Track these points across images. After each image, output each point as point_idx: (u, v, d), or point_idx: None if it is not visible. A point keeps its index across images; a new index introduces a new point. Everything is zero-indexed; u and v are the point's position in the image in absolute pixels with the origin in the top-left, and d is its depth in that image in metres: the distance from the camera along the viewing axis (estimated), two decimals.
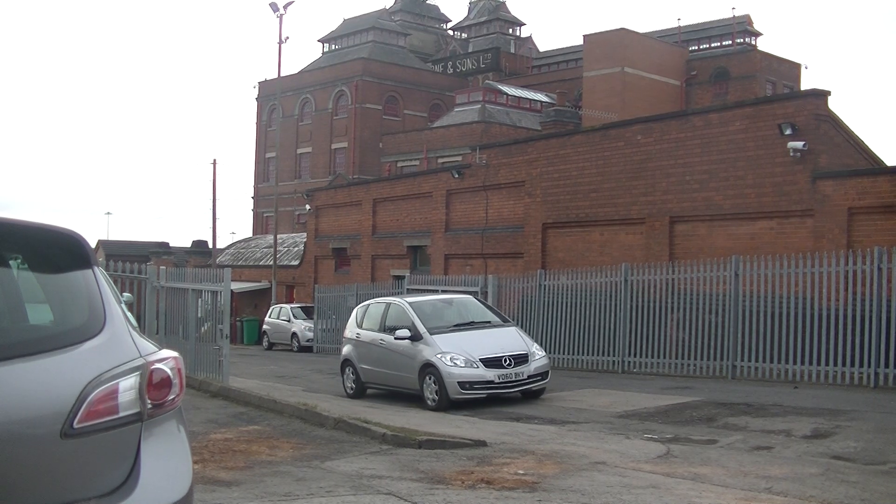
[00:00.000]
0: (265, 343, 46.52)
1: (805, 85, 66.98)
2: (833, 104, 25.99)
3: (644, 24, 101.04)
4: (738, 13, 76.05)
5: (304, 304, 46.32)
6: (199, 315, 21.08)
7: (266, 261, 57.01)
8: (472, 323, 20.61)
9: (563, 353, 26.89)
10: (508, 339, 19.76)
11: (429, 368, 19.07)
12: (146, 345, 5.39)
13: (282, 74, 61.22)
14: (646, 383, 21.99)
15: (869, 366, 20.16)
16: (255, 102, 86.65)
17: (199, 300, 20.87)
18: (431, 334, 19.56)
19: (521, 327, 28.43)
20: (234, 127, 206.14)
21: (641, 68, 63.15)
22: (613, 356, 25.57)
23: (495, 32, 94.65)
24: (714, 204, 27.57)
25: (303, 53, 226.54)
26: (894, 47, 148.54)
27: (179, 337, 21.02)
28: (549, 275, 28.42)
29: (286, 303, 49.31)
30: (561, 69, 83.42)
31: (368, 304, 22.97)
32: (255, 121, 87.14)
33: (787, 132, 25.35)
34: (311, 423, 15.32)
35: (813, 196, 24.97)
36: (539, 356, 19.57)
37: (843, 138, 26.64)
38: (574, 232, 32.53)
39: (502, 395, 19.04)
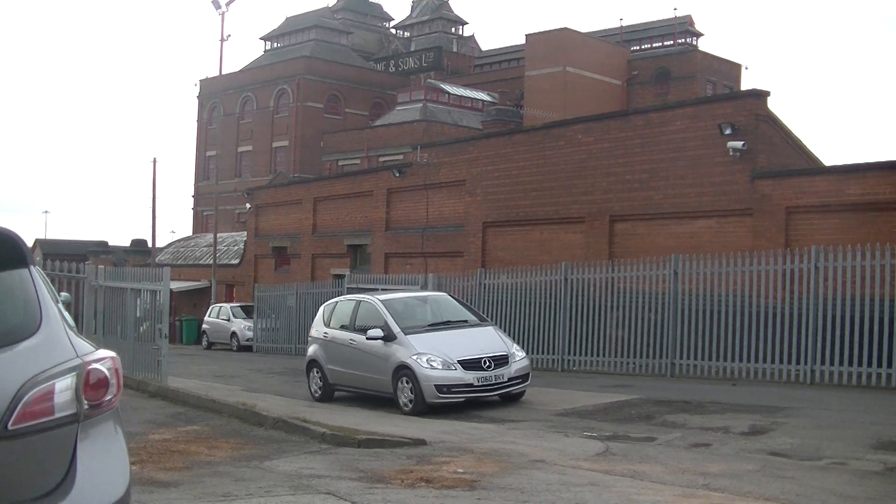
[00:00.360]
0: (205, 342, 46.16)
1: (745, 85, 67.51)
2: (772, 104, 26.26)
3: (586, 23, 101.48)
4: (679, 14, 76.61)
5: (243, 304, 46.01)
6: (138, 314, 20.82)
7: (206, 260, 56.68)
8: (448, 322, 19.47)
9: None
10: (487, 340, 18.71)
11: (403, 370, 17.93)
12: (83, 345, 5.32)
13: (223, 72, 60.92)
14: (585, 381, 22.07)
15: (806, 363, 20.37)
16: (196, 100, 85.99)
17: (138, 299, 20.64)
18: (406, 334, 18.42)
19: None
20: (175, 125, 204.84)
21: (583, 68, 63.34)
22: (554, 354, 25.63)
23: (438, 31, 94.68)
24: (654, 203, 27.71)
25: (245, 51, 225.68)
26: (832, 48, 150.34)
27: (118, 337, 20.81)
28: (489, 273, 28.45)
29: (226, 302, 48.95)
30: (503, 68, 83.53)
31: (336, 302, 21.73)
32: (196, 119, 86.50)
33: (727, 132, 25.53)
34: (251, 422, 15.24)
35: (752, 195, 25.16)
36: (519, 357, 18.56)
37: (782, 138, 26.88)
38: (515, 231, 32.59)
39: (482, 398, 17.95)
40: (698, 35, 78.17)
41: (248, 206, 51.72)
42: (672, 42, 75.64)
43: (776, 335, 20.98)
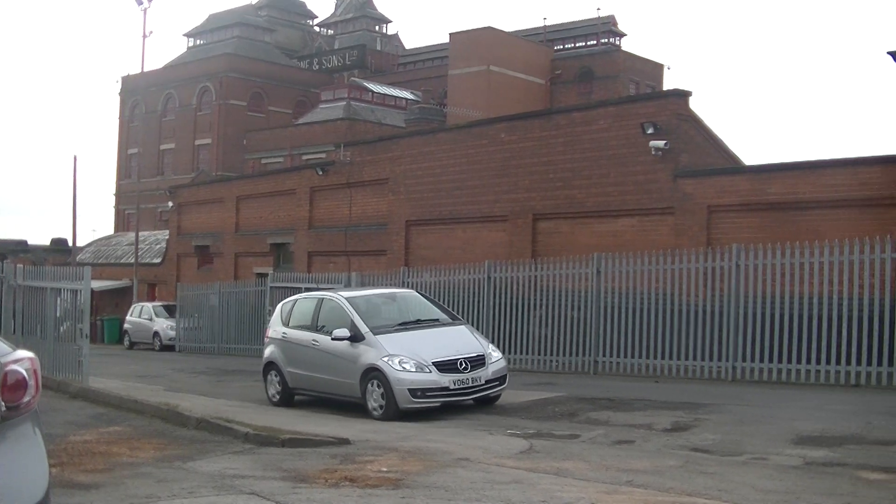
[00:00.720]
0: (126, 342, 45.65)
1: (667, 85, 68.07)
2: (694, 104, 26.52)
3: (510, 23, 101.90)
4: (602, 14, 76.99)
5: (166, 303, 45.56)
6: (58, 314, 20.48)
7: (128, 259, 56.04)
8: (419, 321, 18.24)
9: None
10: (462, 340, 17.57)
11: (373, 373, 16.76)
12: (0, 346, 5.24)
13: (146, 69, 60.38)
14: (510, 379, 22.06)
15: (728, 360, 20.60)
16: (118, 97, 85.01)
17: (59, 299, 20.31)
18: (375, 334, 17.21)
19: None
20: (96, 122, 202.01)
21: (507, 67, 63.54)
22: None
23: (362, 29, 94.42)
24: (577, 202, 27.85)
25: (168, 48, 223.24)
26: (752, 49, 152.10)
27: (37, 337, 20.46)
28: (412, 272, 28.40)
29: (148, 301, 48.46)
30: (427, 67, 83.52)
31: (296, 300, 20.49)
32: (118, 116, 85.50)
33: (650, 131, 25.73)
34: (174, 423, 15.08)
35: (674, 194, 25.39)
36: (496, 358, 17.45)
37: (704, 138, 27.13)
38: (438, 229, 32.61)
39: (458, 402, 16.90)
40: (621, 35, 78.65)
41: (170, 204, 51.22)
42: (595, 42, 76.01)
43: (698, 332, 21.19)
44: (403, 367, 16.53)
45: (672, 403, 16.57)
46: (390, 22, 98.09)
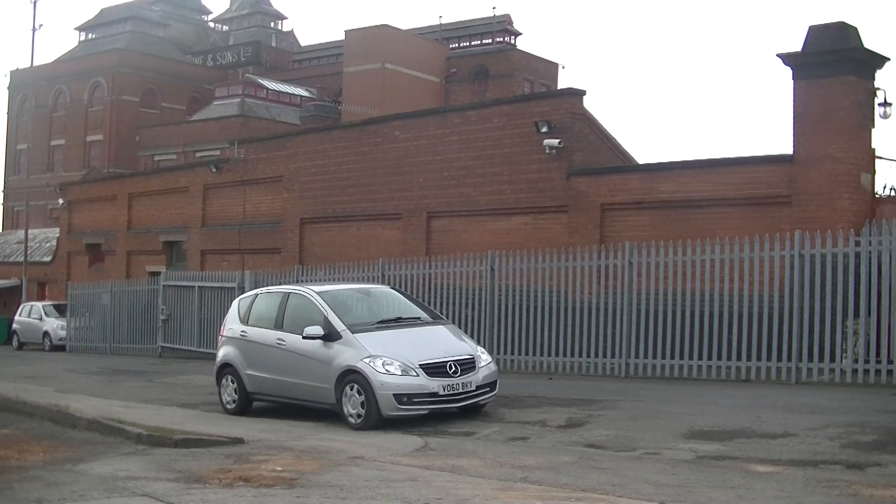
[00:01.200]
0: (15, 343, 44.69)
1: (562, 84, 68.53)
2: (588, 103, 26.73)
3: (406, 20, 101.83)
4: (498, 13, 77.22)
5: (56, 302, 44.68)
6: None
7: (16, 257, 55.00)
8: (399, 319, 16.62)
9: None
10: (448, 340, 16.14)
11: (351, 376, 15.06)
12: None
13: (35, 63, 59.25)
14: None
15: (621, 356, 20.81)
16: (6, 91, 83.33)
17: None
18: (354, 332, 15.50)
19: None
20: None
21: (402, 65, 63.53)
22: None
23: (257, 26, 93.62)
24: (471, 200, 27.93)
25: (59, 42, 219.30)
26: (647, 49, 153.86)
27: None
28: (306, 270, 28.25)
29: (38, 301, 47.60)
30: (322, 64, 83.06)
31: (257, 294, 18.60)
32: (6, 111, 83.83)
33: (544, 130, 25.87)
34: (64, 424, 14.79)
35: (568, 192, 25.57)
36: (486, 361, 15.90)
37: (598, 136, 27.36)
38: (332, 227, 32.48)
39: (446, 410, 15.23)
40: (516, 34, 79.00)
41: (60, 201, 50.35)
42: (490, 41, 76.25)
43: (592, 329, 21.38)
44: (387, 370, 14.79)
45: (566, 400, 16.71)
46: (285, 18, 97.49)
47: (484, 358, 15.95)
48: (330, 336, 15.67)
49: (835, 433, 12.71)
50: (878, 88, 21.30)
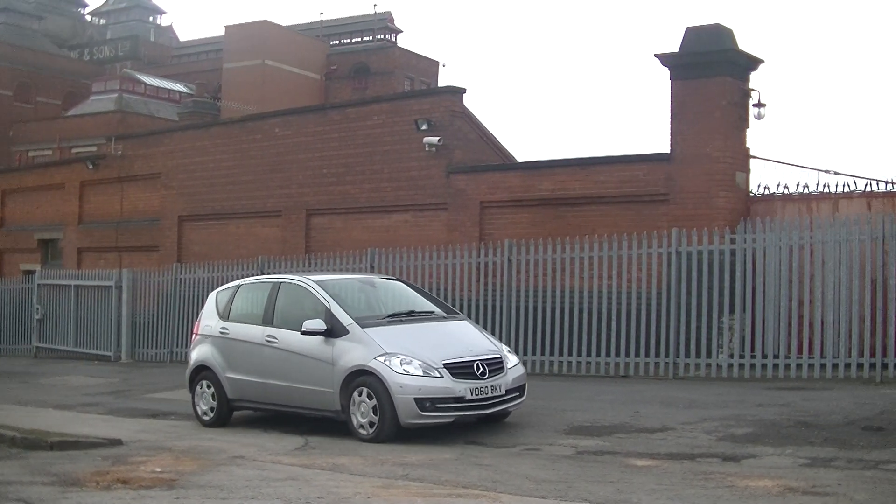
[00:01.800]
0: None
1: (442, 82, 68.74)
2: (468, 101, 26.84)
3: (286, 17, 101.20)
4: (379, 10, 77.16)
5: None
6: None
7: None
8: (412, 313, 14.74)
9: None
10: (471, 337, 14.27)
11: (362, 378, 13.16)
12: None
13: None
14: None
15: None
16: None
17: None
18: (363, 327, 13.62)
19: (161, 321, 27.84)
20: None
21: (282, 61, 63.13)
22: None
23: (135, 20, 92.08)
24: (351, 197, 27.82)
25: None
26: (525, 48, 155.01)
27: None
28: (185, 268, 27.89)
29: None
30: (201, 60, 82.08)
31: (238, 286, 16.40)
32: None
33: (424, 128, 25.86)
34: None
35: (447, 190, 25.60)
36: (514, 362, 14.08)
37: (477, 134, 27.43)
38: (211, 225, 32.09)
39: (474, 417, 13.41)
40: (397, 32, 79.04)
41: None
42: (371, 38, 76.20)
43: None
44: (406, 370, 12.92)
45: None
46: (164, 13, 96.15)
47: (511, 358, 14.12)
48: (333, 331, 13.70)
49: (711, 427, 12.93)
50: (753, 89, 21.68)
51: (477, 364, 13.25)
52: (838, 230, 18.00)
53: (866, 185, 20.67)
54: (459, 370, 13.11)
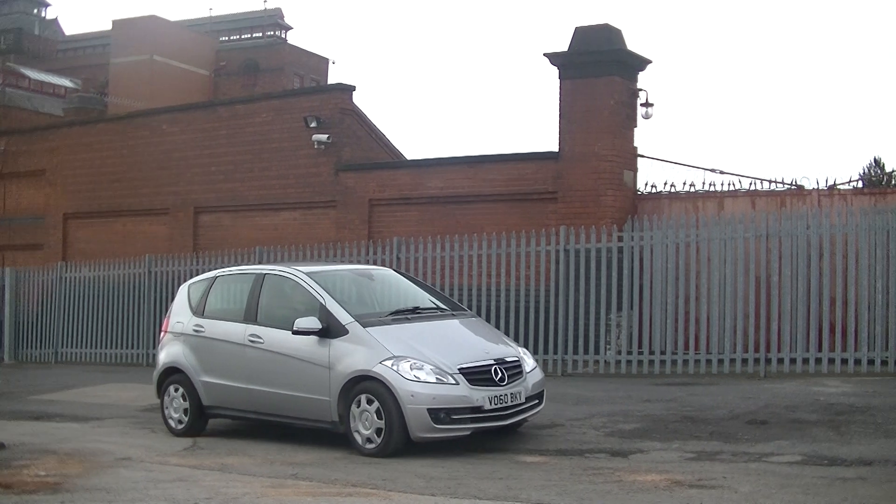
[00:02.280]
0: None
1: (332, 79, 68.51)
2: (358, 99, 26.75)
3: (175, 12, 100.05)
4: (269, 6, 76.70)
5: None
6: None
7: None
8: (417, 310, 13.09)
9: (88, 348, 26.11)
10: (486, 338, 12.92)
11: (364, 385, 11.65)
12: None
13: None
14: None
15: None
16: None
17: None
18: (365, 326, 12.05)
19: (42, 321, 27.28)
20: None
21: (171, 57, 62.37)
22: (139, 349, 24.98)
23: (18, 12, 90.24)
24: (239, 195, 27.58)
25: None
26: (415, 46, 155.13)
27: None
28: (70, 267, 27.35)
29: None
30: (88, 55, 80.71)
31: (215, 277, 14.68)
32: None
33: (313, 125, 25.72)
34: None
35: (336, 188, 25.51)
36: (532, 365, 12.67)
37: (366, 132, 27.40)
38: (97, 222, 31.54)
39: (493, 428, 11.82)
40: (287, 28, 78.59)
41: None
42: (261, 34, 75.70)
43: None
44: (416, 376, 11.40)
45: None
46: (49, 6, 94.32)
47: (529, 361, 12.70)
48: (330, 331, 12.14)
49: (599, 423, 13.06)
50: (641, 89, 21.94)
51: (495, 369, 11.78)
52: (724, 228, 18.32)
53: (751, 183, 21.13)
54: (476, 376, 11.61)
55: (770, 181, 21.31)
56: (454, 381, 11.41)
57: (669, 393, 15.45)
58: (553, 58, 21.72)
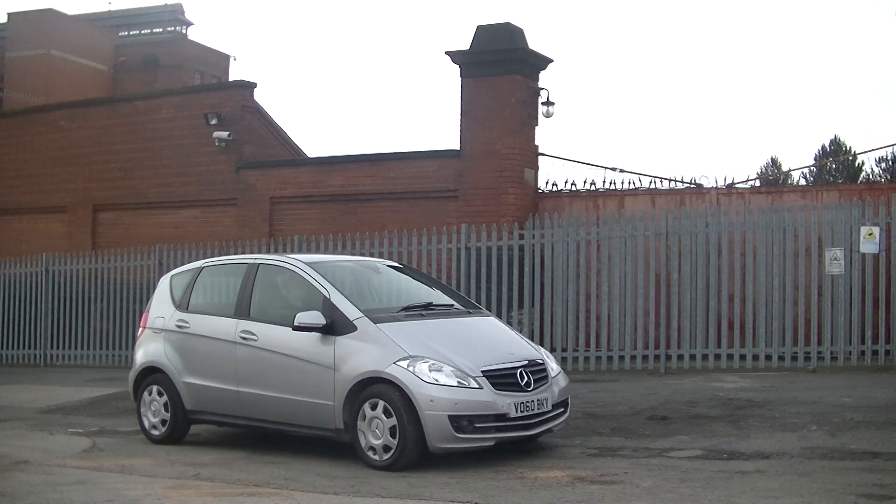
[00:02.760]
0: None
1: (233, 76, 67.86)
2: (259, 96, 26.60)
3: (73, 5, 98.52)
4: (170, 1, 75.79)
5: None
6: None
7: None
8: (430, 306, 11.82)
9: None
10: (504, 338, 11.59)
11: (375, 388, 10.42)
12: None
13: None
14: (70, 376, 21.31)
15: None
16: None
17: None
18: (376, 322, 10.82)
19: None
20: None
21: (69, 51, 61.38)
22: (35, 349, 24.57)
23: None
24: (140, 192, 27.23)
25: None
26: (319, 43, 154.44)
27: None
28: None
29: None
30: None
31: (202, 267, 13.35)
32: None
33: (213, 122, 25.50)
34: None
35: (237, 185, 25.34)
36: (556, 370, 11.44)
37: (268, 130, 27.24)
38: None
39: (516, 439, 10.70)
40: (188, 24, 77.71)
41: None
42: (162, 30, 74.85)
43: None
44: (436, 379, 10.20)
45: None
46: None
47: (553, 365, 11.47)
48: (335, 327, 10.89)
49: None
50: (542, 88, 22.09)
51: (521, 372, 10.63)
52: (624, 226, 18.56)
53: (651, 182, 21.40)
54: (501, 380, 10.45)
55: (670, 180, 21.63)
56: (477, 385, 10.25)
57: (571, 390, 15.52)
58: (455, 56, 21.79)
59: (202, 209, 26.12)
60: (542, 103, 22.15)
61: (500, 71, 21.31)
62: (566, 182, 21.65)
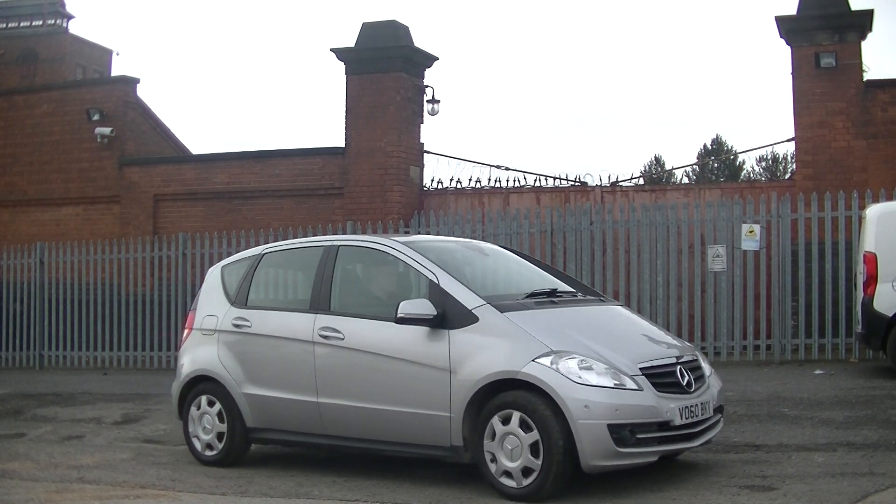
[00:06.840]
0: None
1: (116, 71, 66.87)
2: (142, 92, 26.27)
3: None
4: None
5: None
6: None
7: None
8: (555, 293, 9.54)
9: None
10: (646, 330, 9.62)
11: (508, 395, 8.33)
12: None
13: None
14: None
15: (176, 349, 20.62)
16: None
17: None
18: (503, 311, 8.71)
19: None
20: None
21: None
22: None
23: None
24: (18, 189, 26.72)
25: None
26: (202, 38, 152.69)
27: None
28: None
29: None
30: None
31: (262, 254, 11.07)
32: None
33: (95, 118, 25.15)
34: None
35: (120, 183, 25.02)
36: (709, 368, 9.43)
37: (151, 126, 26.95)
38: None
39: (679, 451, 9.00)
40: (69, 17, 76.34)
41: None
42: (41, 22, 73.49)
43: (146, 322, 21.12)
44: (587, 380, 8.13)
45: (122, 395, 16.36)
46: None
47: (706, 365, 9.40)
48: (447, 319, 8.78)
49: None
50: (427, 86, 22.21)
51: (681, 370, 8.70)
52: (509, 223, 18.75)
53: (536, 180, 21.63)
54: (661, 379, 8.49)
55: (555, 178, 21.89)
56: (636, 386, 8.23)
57: None
58: (340, 53, 21.81)
59: (84, 206, 25.72)
60: (428, 101, 22.27)
61: (385, 68, 21.39)
62: (451, 180, 21.82)
